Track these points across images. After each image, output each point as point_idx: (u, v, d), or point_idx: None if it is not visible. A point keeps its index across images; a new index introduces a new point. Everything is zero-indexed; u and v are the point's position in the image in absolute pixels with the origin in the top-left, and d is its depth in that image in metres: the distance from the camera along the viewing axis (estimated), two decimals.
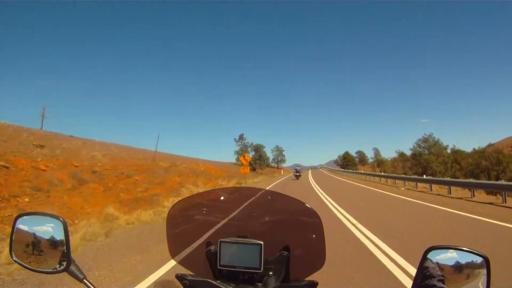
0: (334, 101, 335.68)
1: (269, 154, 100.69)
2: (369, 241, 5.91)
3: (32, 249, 1.09)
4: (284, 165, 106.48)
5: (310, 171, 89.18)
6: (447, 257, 0.90)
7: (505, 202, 11.87)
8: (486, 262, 0.87)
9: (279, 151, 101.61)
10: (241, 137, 73.25)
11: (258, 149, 73.30)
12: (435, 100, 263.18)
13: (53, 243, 1.07)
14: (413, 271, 3.96)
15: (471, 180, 16.31)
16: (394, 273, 4.05)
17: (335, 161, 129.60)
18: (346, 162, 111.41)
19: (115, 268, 4.59)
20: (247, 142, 75.67)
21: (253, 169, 58.41)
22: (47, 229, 1.08)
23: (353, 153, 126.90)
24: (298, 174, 38.78)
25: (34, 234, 1.09)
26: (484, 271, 0.87)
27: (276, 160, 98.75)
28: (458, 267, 0.89)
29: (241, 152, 66.57)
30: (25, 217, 1.11)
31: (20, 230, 1.09)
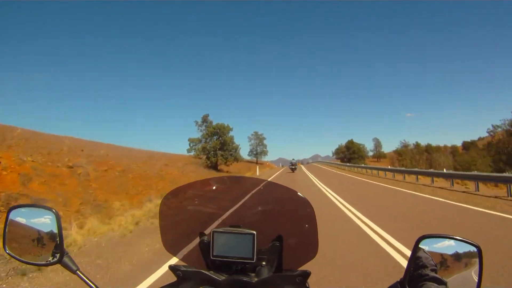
0: (319, 95, 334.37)
1: (246, 145, 77.50)
2: None
3: (25, 241, 1.09)
4: (267, 158, 78.70)
5: (302, 166, 68.68)
6: (440, 246, 0.89)
7: None
8: (479, 251, 0.86)
9: (259, 139, 74.88)
10: (205, 120, 44.30)
11: (219, 132, 42.72)
12: (420, 94, 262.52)
13: (46, 235, 1.07)
14: None
15: None
16: None
17: (334, 153, 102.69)
18: (350, 154, 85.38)
19: None
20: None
21: (213, 166, 39.66)
22: (40, 221, 1.08)
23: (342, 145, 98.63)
24: (293, 167, 42.95)
25: (27, 226, 1.08)
26: (477, 260, 0.87)
27: (254, 152, 73.83)
28: (451, 256, 0.89)
29: (204, 140, 42.79)
30: (18, 209, 1.11)
31: (13, 222, 1.09)
